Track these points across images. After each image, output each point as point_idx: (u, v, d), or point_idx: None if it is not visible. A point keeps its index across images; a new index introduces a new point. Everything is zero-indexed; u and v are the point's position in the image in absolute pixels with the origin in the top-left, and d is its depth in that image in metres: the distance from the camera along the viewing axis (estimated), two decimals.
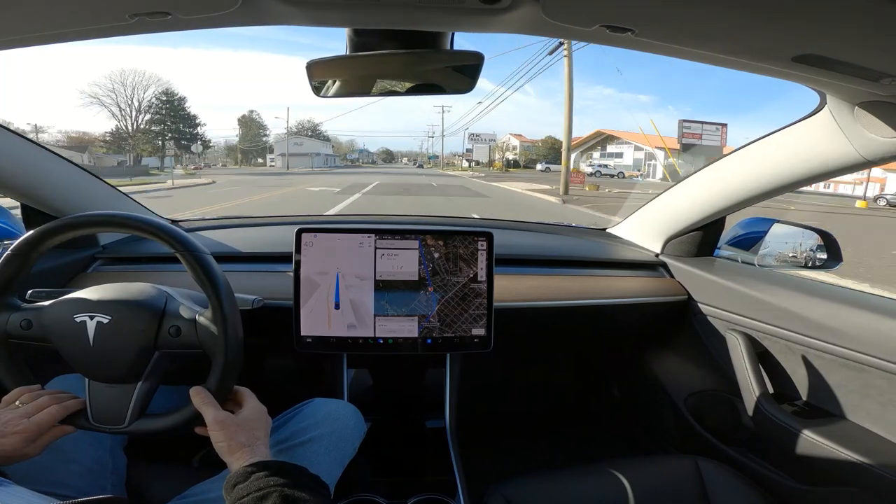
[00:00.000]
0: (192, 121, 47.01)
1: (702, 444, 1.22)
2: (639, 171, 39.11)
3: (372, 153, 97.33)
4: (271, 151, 62.18)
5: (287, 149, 53.37)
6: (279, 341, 1.07)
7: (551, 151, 53.67)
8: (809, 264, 1.20)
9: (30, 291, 0.78)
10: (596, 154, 47.70)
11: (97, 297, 0.68)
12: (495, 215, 9.07)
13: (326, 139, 75.42)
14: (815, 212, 13.54)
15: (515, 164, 56.27)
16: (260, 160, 65.79)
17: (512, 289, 1.18)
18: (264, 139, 67.00)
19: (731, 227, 1.32)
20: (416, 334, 1.03)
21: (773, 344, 1.09)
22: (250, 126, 66.86)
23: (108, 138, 42.80)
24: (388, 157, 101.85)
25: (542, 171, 43.01)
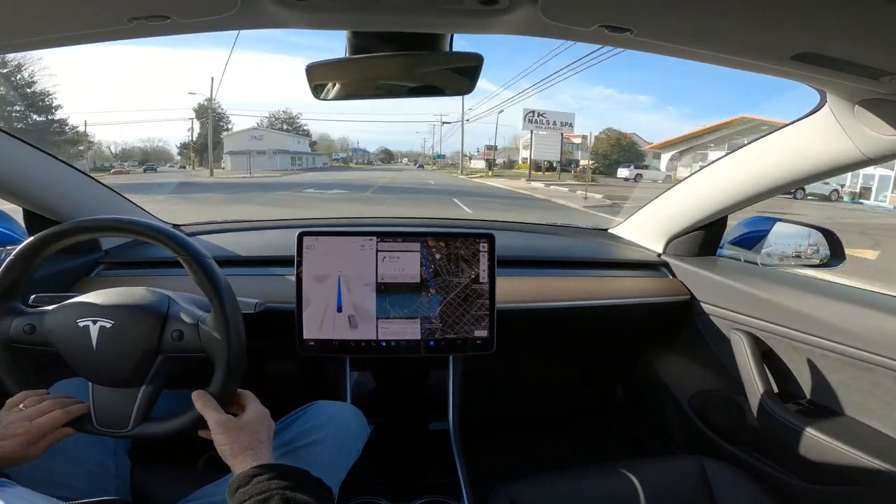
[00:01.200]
0: (35, 101, 29.19)
1: (706, 443, 1.22)
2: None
3: (369, 153, 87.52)
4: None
5: (209, 141, 33.50)
6: (282, 345, 1.07)
7: (616, 149, 36.98)
8: (812, 263, 1.20)
9: (33, 296, 0.78)
10: (714, 154, 22.26)
11: (100, 302, 0.68)
12: None
13: (305, 134, 59.43)
14: None
15: (549, 168, 37.03)
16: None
17: (514, 290, 1.18)
18: (224, 134, 48.08)
19: (734, 227, 1.32)
20: (418, 336, 1.03)
21: (776, 343, 1.09)
22: (204, 116, 46.76)
23: None
24: (388, 157, 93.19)
25: (631, 178, 26.56)
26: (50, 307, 0.69)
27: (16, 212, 1.13)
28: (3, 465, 0.61)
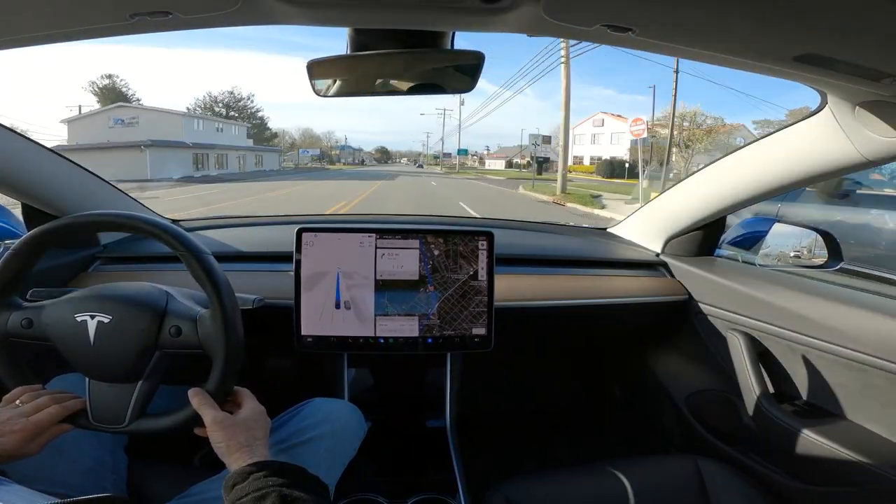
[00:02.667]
0: None
1: (702, 443, 1.22)
2: None
3: (361, 151, 77.64)
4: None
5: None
6: (280, 341, 1.07)
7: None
8: (810, 264, 1.20)
9: (31, 291, 0.78)
10: None
11: (98, 297, 0.68)
12: None
13: (254, 116, 45.00)
14: None
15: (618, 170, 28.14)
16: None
17: (512, 288, 1.18)
18: (64, 119, 30.14)
19: (732, 227, 1.32)
20: (416, 334, 1.03)
21: (773, 344, 1.09)
22: (107, 100, 36.99)
23: None
24: (385, 156, 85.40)
25: None
26: (48, 302, 0.69)
27: (14, 206, 1.13)
28: (0, 461, 0.61)
